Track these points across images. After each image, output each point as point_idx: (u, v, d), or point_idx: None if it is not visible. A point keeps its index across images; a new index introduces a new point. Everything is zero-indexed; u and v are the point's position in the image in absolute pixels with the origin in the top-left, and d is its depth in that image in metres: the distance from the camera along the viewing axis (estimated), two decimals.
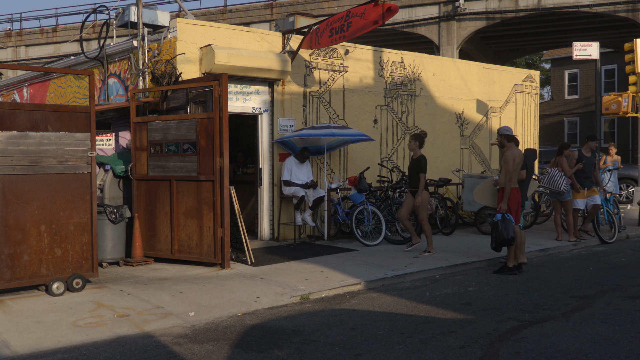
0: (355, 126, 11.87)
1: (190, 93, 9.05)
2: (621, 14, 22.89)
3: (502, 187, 8.41)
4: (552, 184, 10.99)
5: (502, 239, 8.19)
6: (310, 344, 5.35)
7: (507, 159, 8.34)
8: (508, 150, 8.46)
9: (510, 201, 8.38)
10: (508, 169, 8.30)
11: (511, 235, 8.17)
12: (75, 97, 11.90)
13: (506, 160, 8.35)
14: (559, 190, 10.93)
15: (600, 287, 7.69)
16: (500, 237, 8.18)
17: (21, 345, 5.24)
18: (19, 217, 6.84)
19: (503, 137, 8.61)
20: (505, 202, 8.30)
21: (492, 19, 24.80)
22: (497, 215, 8.32)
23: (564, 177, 10.93)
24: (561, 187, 10.85)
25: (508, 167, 8.30)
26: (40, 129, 6.99)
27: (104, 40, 10.76)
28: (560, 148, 11.41)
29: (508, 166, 8.31)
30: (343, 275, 8.01)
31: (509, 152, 8.42)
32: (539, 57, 44.80)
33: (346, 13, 9.54)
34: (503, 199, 8.32)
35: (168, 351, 5.18)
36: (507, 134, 8.59)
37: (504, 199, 8.32)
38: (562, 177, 10.93)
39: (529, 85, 15.60)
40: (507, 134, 8.59)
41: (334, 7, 26.25)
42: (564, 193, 10.96)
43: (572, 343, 5.37)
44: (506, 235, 8.16)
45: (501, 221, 8.23)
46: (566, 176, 11.00)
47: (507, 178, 8.29)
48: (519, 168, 8.46)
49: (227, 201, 8.38)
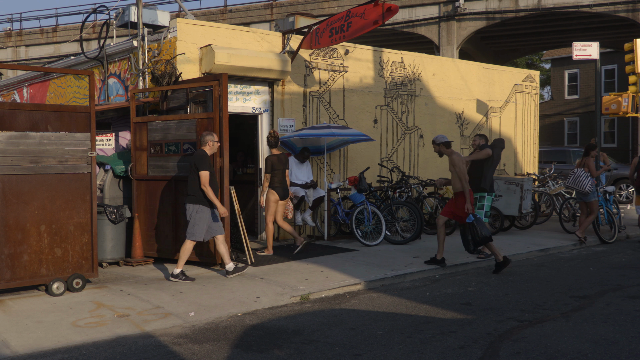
0: (355, 126, 11.87)
1: (190, 93, 9.05)
2: (621, 14, 22.89)
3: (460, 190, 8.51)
4: (577, 184, 10.99)
5: (481, 237, 8.30)
6: (310, 344, 5.35)
7: (457, 162, 8.49)
8: (452, 155, 8.61)
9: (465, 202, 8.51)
10: (461, 171, 8.44)
11: (488, 234, 8.30)
12: (75, 97, 11.90)
13: (456, 164, 8.49)
14: (583, 191, 10.91)
15: (600, 287, 7.69)
16: (478, 236, 8.30)
17: (21, 345, 5.25)
18: (19, 217, 6.84)
19: (441, 145, 8.73)
20: (469, 203, 8.42)
21: (492, 19, 24.79)
22: (469, 217, 8.40)
23: (589, 178, 10.92)
24: (586, 188, 10.85)
25: (461, 169, 8.45)
26: (40, 129, 6.98)
27: (104, 40, 10.76)
28: (587, 149, 11.42)
29: (460, 169, 8.45)
30: (343, 275, 8.01)
31: (454, 156, 8.57)
32: (539, 57, 44.79)
33: (346, 13, 9.54)
34: (466, 200, 8.44)
35: (168, 351, 5.18)
36: (444, 142, 8.72)
37: (466, 200, 8.43)
38: (588, 178, 10.92)
39: (529, 85, 15.60)
40: (444, 142, 8.72)
41: (334, 7, 26.25)
42: (589, 194, 10.94)
43: (572, 343, 5.37)
44: (485, 232, 8.29)
45: (475, 221, 8.35)
46: (592, 177, 11.01)
47: (464, 179, 8.43)
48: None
49: (227, 201, 8.38)
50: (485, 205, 9.48)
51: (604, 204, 11.63)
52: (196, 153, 7.89)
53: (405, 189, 11.75)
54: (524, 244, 10.67)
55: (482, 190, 9.45)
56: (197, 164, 7.70)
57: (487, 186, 9.44)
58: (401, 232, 11.06)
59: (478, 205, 9.45)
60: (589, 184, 10.87)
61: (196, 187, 7.73)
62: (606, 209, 11.57)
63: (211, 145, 7.91)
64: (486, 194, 9.46)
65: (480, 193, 9.45)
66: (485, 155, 9.42)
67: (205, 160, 7.74)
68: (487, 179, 9.44)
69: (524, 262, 9.46)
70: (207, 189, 7.68)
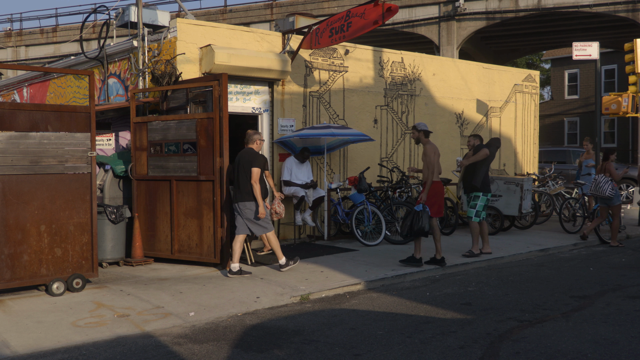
0: (355, 126, 11.87)
1: (190, 93, 9.05)
2: (621, 14, 22.89)
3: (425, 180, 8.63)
4: (598, 190, 10.92)
5: (417, 229, 8.34)
6: (310, 344, 5.35)
7: (428, 153, 8.60)
8: (427, 144, 8.72)
9: (434, 194, 8.60)
10: (430, 162, 8.54)
11: (426, 228, 8.35)
12: (75, 97, 11.90)
13: (427, 154, 8.61)
14: (605, 196, 10.87)
15: (600, 287, 7.69)
16: (415, 226, 8.34)
17: (21, 345, 5.25)
18: (19, 217, 6.84)
19: (421, 132, 8.81)
20: (426, 194, 8.48)
21: (492, 19, 24.79)
22: (418, 206, 8.47)
23: (609, 182, 10.84)
24: (607, 193, 10.79)
25: (429, 160, 8.55)
26: (40, 129, 6.98)
27: (104, 40, 10.76)
28: (607, 153, 11.30)
29: (429, 159, 8.56)
30: (343, 275, 8.01)
31: (428, 146, 8.69)
32: (539, 57, 44.78)
33: (346, 13, 9.54)
34: (424, 191, 8.51)
35: (168, 351, 5.18)
36: (424, 130, 8.81)
37: (425, 191, 8.51)
38: (608, 182, 10.84)
39: (529, 85, 15.60)
40: (424, 130, 8.81)
41: (334, 7, 26.25)
42: (612, 198, 10.90)
43: (572, 343, 5.37)
44: (421, 225, 8.33)
45: (422, 212, 8.40)
46: (615, 181, 10.96)
47: (430, 170, 8.53)
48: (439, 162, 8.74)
49: (227, 201, 8.38)
50: (478, 205, 9.42)
51: None
52: (246, 151, 8.03)
53: (405, 189, 11.75)
54: (524, 244, 10.67)
55: (475, 189, 9.40)
56: (252, 160, 7.84)
57: (479, 184, 9.37)
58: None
59: (471, 204, 9.45)
60: (609, 188, 10.77)
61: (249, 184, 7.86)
62: None
63: (258, 144, 8.13)
64: (481, 193, 9.41)
65: (474, 192, 9.43)
66: (484, 155, 9.40)
67: (259, 157, 7.89)
68: (479, 178, 9.36)
69: (524, 262, 9.46)
70: (256, 186, 7.80)
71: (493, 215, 11.99)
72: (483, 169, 9.43)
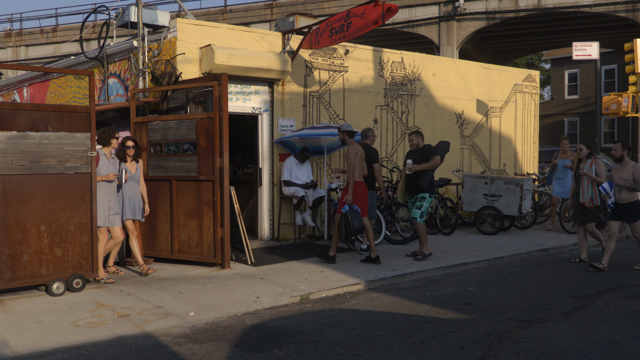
0: (355, 126, 11.85)
1: (190, 93, 9.05)
2: (621, 14, 22.89)
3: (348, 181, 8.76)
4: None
5: (352, 229, 8.47)
6: (310, 344, 5.35)
7: (349, 154, 8.76)
8: (350, 145, 8.84)
9: (356, 194, 8.70)
10: (350, 164, 8.70)
11: (360, 226, 8.48)
12: (75, 97, 11.90)
13: (348, 155, 8.77)
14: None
15: (600, 287, 7.69)
16: (350, 227, 8.47)
17: (21, 345, 5.25)
18: (19, 217, 6.84)
19: (345, 133, 8.92)
20: (350, 195, 8.62)
21: (492, 19, 24.79)
22: (344, 207, 8.59)
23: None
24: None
25: (350, 162, 8.71)
26: (40, 129, 6.98)
27: (104, 40, 10.76)
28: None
29: (350, 160, 8.72)
30: (343, 275, 8.01)
31: (350, 147, 8.81)
32: (539, 57, 44.78)
33: (346, 13, 9.54)
34: (348, 192, 8.64)
35: (168, 351, 5.18)
36: (348, 130, 8.91)
37: (348, 192, 8.63)
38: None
39: (529, 85, 15.60)
40: (348, 130, 8.91)
41: (334, 7, 26.25)
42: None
43: (572, 343, 5.37)
44: (356, 224, 8.46)
45: (349, 212, 8.52)
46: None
47: (350, 172, 8.70)
48: (362, 162, 8.83)
49: (227, 201, 8.38)
50: (424, 207, 9.14)
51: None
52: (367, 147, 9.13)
53: None
54: (524, 244, 10.67)
55: (422, 190, 9.10)
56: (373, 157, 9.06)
57: (426, 186, 9.10)
58: (401, 232, 11.06)
59: (416, 204, 9.18)
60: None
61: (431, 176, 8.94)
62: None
63: (372, 140, 9.45)
64: (428, 195, 9.12)
65: (421, 194, 9.13)
66: (435, 165, 9.07)
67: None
68: (426, 180, 9.08)
69: (524, 262, 9.46)
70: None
71: (493, 215, 11.99)
72: (431, 172, 9.14)
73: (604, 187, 8.77)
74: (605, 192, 8.76)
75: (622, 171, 8.53)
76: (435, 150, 9.30)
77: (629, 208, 8.59)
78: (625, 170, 8.50)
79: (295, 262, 8.93)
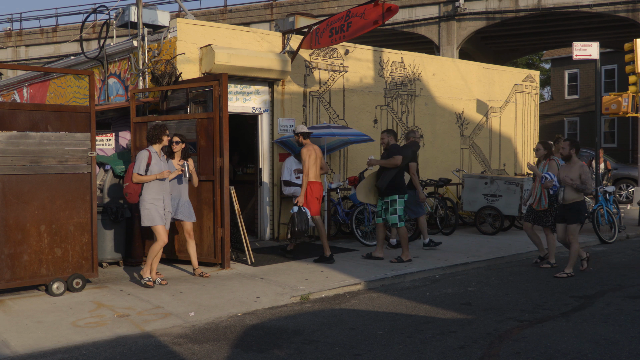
0: (355, 126, 11.87)
1: (190, 93, 9.05)
2: (621, 14, 22.88)
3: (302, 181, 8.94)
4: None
5: (297, 230, 8.61)
6: (310, 344, 5.35)
7: (303, 155, 8.92)
8: (304, 147, 8.99)
9: (311, 194, 8.87)
10: (303, 165, 8.88)
11: (305, 228, 8.64)
12: (75, 97, 11.90)
13: (302, 156, 8.93)
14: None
15: (600, 287, 7.68)
16: (294, 228, 8.62)
17: (21, 345, 5.24)
18: (19, 217, 6.84)
19: (299, 135, 9.06)
20: (302, 196, 8.80)
21: (492, 19, 24.78)
22: (293, 208, 8.72)
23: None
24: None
25: (304, 163, 8.88)
26: (40, 129, 6.98)
27: (104, 40, 10.76)
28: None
29: (304, 162, 8.89)
30: (343, 275, 8.01)
31: (304, 149, 8.96)
32: (539, 57, 44.76)
33: (346, 13, 9.54)
34: (300, 193, 8.83)
35: (168, 351, 5.18)
36: (302, 132, 9.05)
37: (302, 192, 8.82)
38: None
39: (529, 85, 15.60)
40: (302, 132, 9.05)
41: (334, 7, 26.24)
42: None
43: (572, 343, 5.37)
44: (301, 228, 8.60)
45: (297, 213, 8.66)
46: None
47: (305, 173, 8.82)
48: (319, 163, 9.02)
49: (227, 201, 8.38)
50: (398, 210, 8.85)
51: (603, 204, 11.62)
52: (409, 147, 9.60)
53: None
54: (524, 244, 10.66)
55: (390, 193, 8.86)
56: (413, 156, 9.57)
57: (382, 186, 8.86)
58: None
59: (390, 210, 8.87)
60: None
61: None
62: (606, 209, 11.57)
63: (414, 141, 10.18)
64: (397, 196, 8.83)
65: (390, 197, 8.86)
66: (394, 165, 8.81)
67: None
68: (385, 180, 8.85)
69: (524, 262, 9.46)
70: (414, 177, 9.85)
71: (493, 215, 11.99)
72: (391, 172, 8.88)
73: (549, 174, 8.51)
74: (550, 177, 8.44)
75: (570, 170, 8.30)
76: (398, 150, 8.96)
77: (572, 209, 8.30)
78: (573, 169, 8.26)
79: (295, 262, 8.93)
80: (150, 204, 7.32)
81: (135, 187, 7.35)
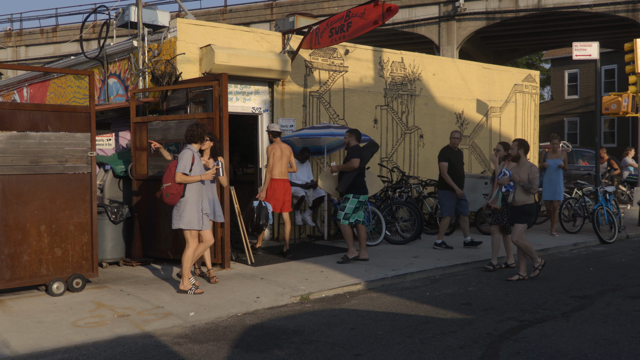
0: (355, 126, 11.85)
1: (190, 93, 9.05)
2: (621, 14, 22.89)
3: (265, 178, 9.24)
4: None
5: (258, 224, 8.89)
6: (310, 344, 5.35)
7: (268, 153, 9.24)
8: (271, 144, 9.30)
9: (270, 191, 9.15)
10: (268, 162, 9.19)
11: (264, 222, 8.88)
12: (75, 97, 11.90)
13: (267, 153, 9.27)
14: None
15: (600, 287, 7.69)
16: (255, 222, 8.87)
17: (21, 345, 5.25)
18: (19, 217, 6.84)
19: (269, 133, 9.40)
20: (264, 191, 9.09)
21: (492, 19, 24.79)
22: (254, 202, 8.96)
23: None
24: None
25: (268, 160, 9.19)
26: (40, 129, 6.98)
27: (104, 40, 10.76)
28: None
29: (268, 159, 9.19)
30: (343, 275, 8.01)
31: (270, 146, 9.26)
32: (539, 57, 44.78)
33: (346, 13, 9.54)
34: (262, 188, 9.13)
35: (168, 351, 5.18)
36: (272, 131, 9.36)
37: (263, 188, 9.12)
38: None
39: (529, 85, 15.60)
40: (272, 131, 9.36)
41: (334, 7, 26.25)
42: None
43: (572, 343, 5.37)
44: (260, 222, 8.86)
45: (258, 207, 8.88)
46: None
47: (268, 170, 9.16)
48: (284, 161, 9.24)
49: (227, 201, 8.38)
50: (347, 207, 8.79)
51: (604, 204, 11.62)
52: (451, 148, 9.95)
53: (405, 189, 11.74)
54: None
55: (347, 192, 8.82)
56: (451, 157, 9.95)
57: (343, 190, 8.83)
58: (401, 232, 11.06)
59: (340, 206, 8.96)
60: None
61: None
62: (606, 209, 11.56)
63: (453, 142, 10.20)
64: (351, 195, 8.78)
65: (346, 194, 8.84)
66: (351, 168, 8.73)
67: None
68: (344, 182, 8.80)
69: None
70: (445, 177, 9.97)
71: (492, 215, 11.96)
72: (351, 174, 8.81)
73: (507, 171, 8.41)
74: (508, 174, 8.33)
75: (519, 171, 8.20)
76: (356, 152, 8.84)
77: (522, 210, 8.17)
78: (522, 170, 8.15)
79: (295, 262, 8.93)
80: (192, 206, 7.04)
81: (178, 188, 6.99)
